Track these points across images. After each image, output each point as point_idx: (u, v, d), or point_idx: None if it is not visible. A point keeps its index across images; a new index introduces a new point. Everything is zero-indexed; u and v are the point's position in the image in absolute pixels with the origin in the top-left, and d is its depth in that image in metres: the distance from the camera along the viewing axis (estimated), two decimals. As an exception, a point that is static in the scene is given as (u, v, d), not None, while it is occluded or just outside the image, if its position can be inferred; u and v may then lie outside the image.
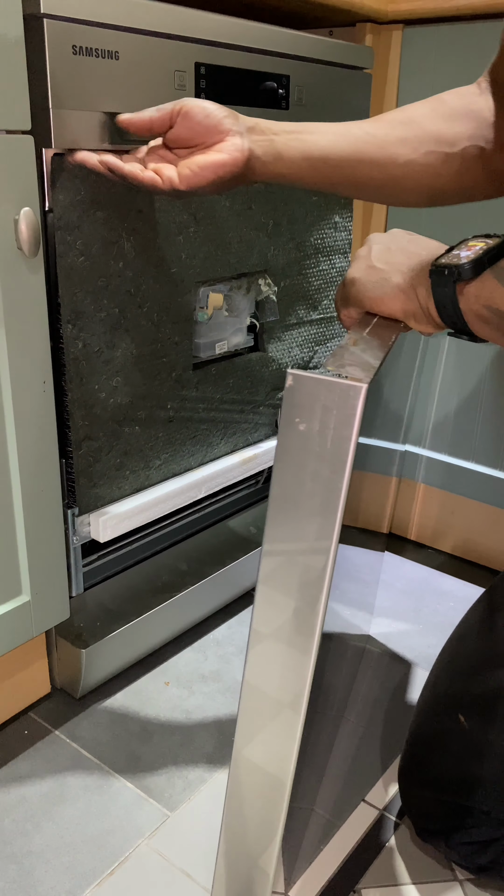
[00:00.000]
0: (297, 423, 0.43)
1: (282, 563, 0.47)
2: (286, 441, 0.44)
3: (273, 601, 0.48)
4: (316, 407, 0.43)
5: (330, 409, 0.42)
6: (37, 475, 0.79)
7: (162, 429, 0.94)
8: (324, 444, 0.43)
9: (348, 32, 1.10)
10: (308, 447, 0.43)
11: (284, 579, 0.47)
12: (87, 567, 0.93)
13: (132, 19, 0.74)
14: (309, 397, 0.43)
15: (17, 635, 0.82)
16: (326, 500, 0.44)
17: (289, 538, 0.46)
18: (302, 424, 0.43)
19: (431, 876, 0.75)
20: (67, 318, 0.79)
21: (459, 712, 0.72)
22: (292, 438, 0.44)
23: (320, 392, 0.42)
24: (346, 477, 0.43)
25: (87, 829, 0.79)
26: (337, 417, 0.42)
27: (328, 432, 0.43)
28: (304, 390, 0.43)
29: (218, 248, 0.94)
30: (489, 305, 0.54)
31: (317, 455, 0.44)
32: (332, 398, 0.42)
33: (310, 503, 0.45)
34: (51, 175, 0.74)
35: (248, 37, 0.86)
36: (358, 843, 0.78)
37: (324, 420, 0.43)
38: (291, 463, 0.44)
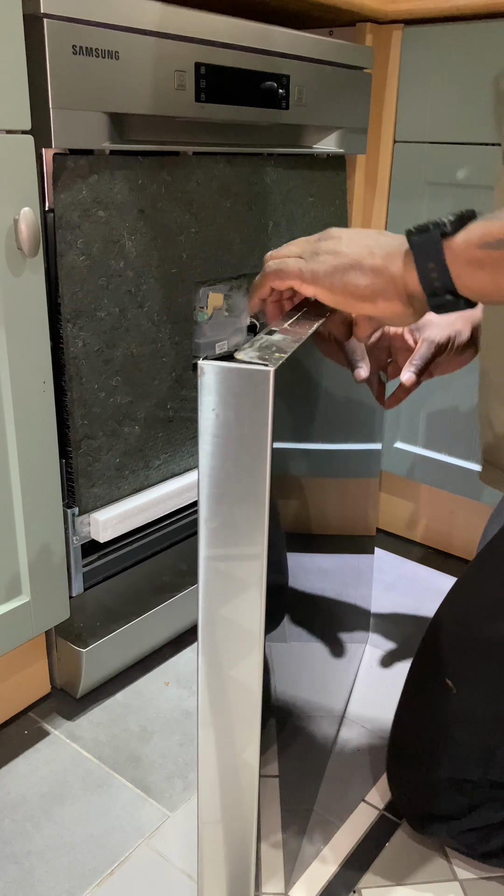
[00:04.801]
0: (213, 410, 0.44)
1: (220, 553, 0.48)
2: (205, 431, 0.45)
3: (215, 594, 0.49)
4: (227, 394, 0.43)
5: (241, 394, 0.43)
6: (37, 475, 0.79)
7: (162, 429, 0.94)
8: (241, 431, 0.44)
9: (348, 32, 1.10)
10: (227, 435, 0.44)
11: (225, 572, 0.48)
12: (87, 567, 0.93)
13: (132, 19, 0.74)
14: (221, 386, 0.43)
15: (17, 635, 0.82)
16: (252, 484, 0.45)
17: (222, 526, 0.47)
18: (216, 412, 0.44)
19: (431, 876, 0.75)
20: (67, 317, 0.79)
21: (446, 677, 0.72)
22: (210, 427, 0.44)
23: (231, 380, 0.43)
24: (268, 460, 0.44)
25: (87, 829, 0.79)
26: (250, 401, 0.43)
27: (244, 419, 0.44)
28: (216, 379, 0.43)
29: (218, 248, 0.94)
30: (485, 240, 0.53)
31: (236, 441, 0.44)
32: (241, 384, 0.43)
33: (236, 489, 0.45)
34: (51, 175, 0.74)
35: (248, 37, 0.86)
36: (358, 843, 0.78)
37: (237, 406, 0.43)
38: (215, 453, 0.45)
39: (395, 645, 1.08)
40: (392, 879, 0.74)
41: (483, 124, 1.05)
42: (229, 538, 0.47)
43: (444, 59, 1.06)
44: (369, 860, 0.76)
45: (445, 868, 0.76)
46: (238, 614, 0.49)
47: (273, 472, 0.57)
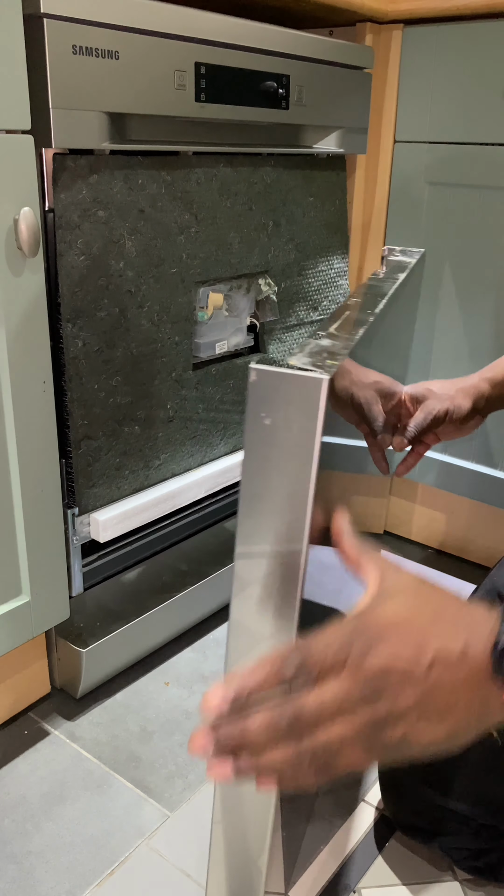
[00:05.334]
0: (263, 417, 0.43)
1: (256, 562, 0.47)
2: (253, 437, 0.44)
3: (249, 599, 0.48)
4: (279, 401, 0.42)
5: (293, 402, 0.42)
6: (37, 475, 0.79)
7: (161, 429, 0.94)
8: (289, 439, 0.43)
9: (348, 32, 1.10)
10: (274, 442, 0.43)
11: (259, 577, 0.47)
12: (87, 567, 0.93)
13: (132, 19, 0.74)
14: (272, 392, 0.42)
15: (17, 635, 0.82)
16: (295, 494, 0.44)
17: (260, 536, 0.46)
18: (267, 419, 0.43)
19: (431, 876, 0.75)
20: (67, 317, 0.79)
21: None
22: (258, 434, 0.43)
23: (282, 386, 0.42)
24: (314, 470, 0.43)
25: (87, 829, 0.79)
26: (300, 411, 0.42)
27: (293, 426, 0.42)
28: (268, 385, 0.42)
29: (218, 248, 0.94)
30: None
31: (283, 450, 0.43)
32: (294, 392, 0.42)
33: (279, 499, 0.44)
34: (51, 175, 0.74)
35: (248, 37, 0.86)
36: (358, 843, 0.78)
37: (288, 414, 0.42)
38: (259, 459, 0.44)
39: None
40: (392, 879, 0.74)
41: (483, 124, 1.05)
42: (265, 544, 0.46)
43: (444, 59, 1.06)
44: (369, 860, 0.76)
45: (446, 868, 0.76)
46: (272, 630, 0.48)
47: None
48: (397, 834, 0.79)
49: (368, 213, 1.20)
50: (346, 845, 0.78)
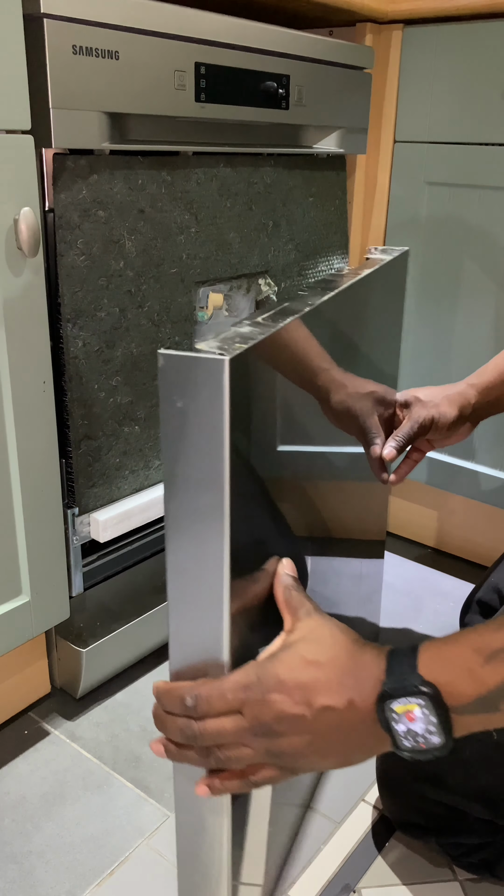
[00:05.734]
0: (175, 401, 0.44)
1: (183, 543, 0.48)
2: (167, 420, 0.45)
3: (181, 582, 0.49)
4: (188, 384, 0.43)
5: (199, 384, 0.43)
6: (37, 475, 0.79)
7: (162, 429, 0.94)
8: (200, 419, 0.44)
9: (348, 32, 1.10)
10: (186, 423, 0.44)
11: (188, 565, 0.48)
12: (87, 567, 0.93)
13: (132, 19, 0.74)
14: (180, 375, 0.43)
15: (17, 635, 0.82)
16: (211, 470, 0.45)
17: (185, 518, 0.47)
18: (179, 402, 0.44)
19: (431, 876, 0.75)
20: (67, 317, 0.79)
21: None
22: (172, 417, 0.45)
23: (187, 369, 0.43)
24: (226, 449, 0.44)
25: (87, 829, 0.79)
26: (206, 392, 0.43)
27: (201, 408, 0.44)
28: (175, 368, 0.43)
29: (219, 248, 0.94)
30: None
31: (194, 430, 0.44)
32: (199, 374, 0.43)
33: (197, 475, 0.45)
34: (51, 175, 0.74)
35: (248, 37, 0.86)
36: (358, 842, 0.78)
37: (196, 396, 0.44)
38: (176, 441, 0.45)
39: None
40: (392, 879, 0.74)
41: (483, 124, 1.05)
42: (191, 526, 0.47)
43: (444, 59, 1.06)
44: (369, 860, 0.76)
45: (445, 868, 0.76)
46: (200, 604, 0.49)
47: (277, 475, 0.57)
48: (397, 834, 0.79)
49: (368, 213, 1.20)
50: (346, 845, 0.78)
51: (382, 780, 0.77)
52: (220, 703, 0.48)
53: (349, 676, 0.47)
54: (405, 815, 0.75)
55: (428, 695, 0.45)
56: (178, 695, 0.49)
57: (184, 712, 0.49)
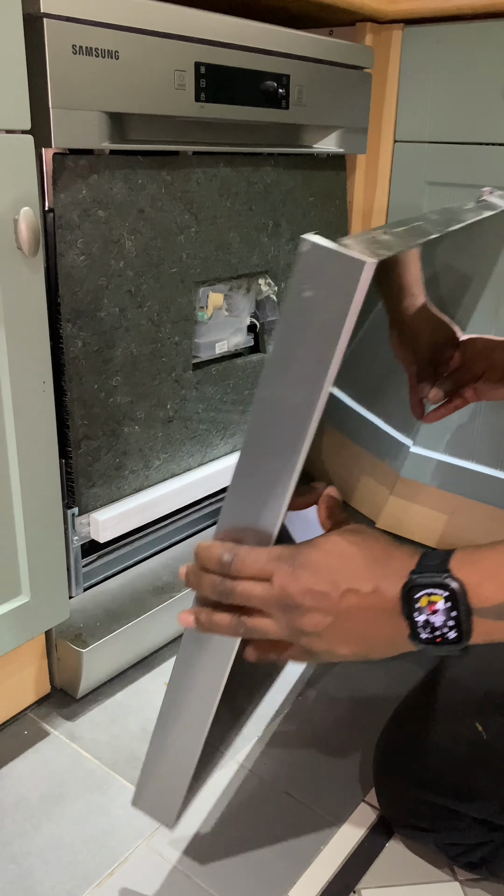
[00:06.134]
0: (303, 289, 0.43)
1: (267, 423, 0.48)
2: (289, 307, 0.44)
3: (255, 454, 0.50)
4: (322, 276, 0.42)
5: (335, 280, 0.42)
6: (37, 475, 0.79)
7: (161, 429, 0.94)
8: (323, 315, 0.43)
9: (348, 32, 1.10)
10: (308, 315, 0.43)
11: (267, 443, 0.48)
12: (87, 567, 0.93)
13: (132, 19, 0.74)
14: (318, 266, 0.42)
15: (17, 636, 0.82)
16: (315, 369, 0.44)
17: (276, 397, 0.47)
18: (307, 292, 0.43)
19: (431, 876, 0.75)
20: (67, 317, 0.79)
21: (477, 720, 0.70)
22: (295, 304, 0.43)
23: (329, 261, 0.42)
24: (339, 350, 0.43)
25: (87, 829, 0.79)
26: (339, 289, 0.42)
27: (329, 303, 0.42)
28: (316, 258, 0.42)
29: (219, 248, 0.94)
30: None
31: (314, 324, 0.43)
32: (338, 269, 0.41)
33: (300, 369, 0.45)
34: (51, 175, 0.74)
35: (248, 37, 0.86)
36: (358, 843, 0.78)
37: (327, 290, 0.42)
38: (291, 328, 0.44)
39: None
40: (392, 880, 0.74)
41: (483, 124, 1.05)
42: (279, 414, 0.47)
43: (444, 59, 1.06)
44: (369, 860, 0.76)
45: (445, 868, 0.76)
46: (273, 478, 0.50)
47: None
48: (397, 834, 0.79)
49: (368, 213, 1.20)
50: (346, 845, 0.78)
51: (379, 783, 0.77)
52: (253, 566, 0.51)
53: (379, 566, 0.49)
54: (402, 817, 0.75)
55: (453, 590, 0.46)
56: (218, 551, 0.52)
57: (219, 569, 0.52)
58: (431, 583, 0.47)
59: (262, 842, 0.78)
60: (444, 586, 0.46)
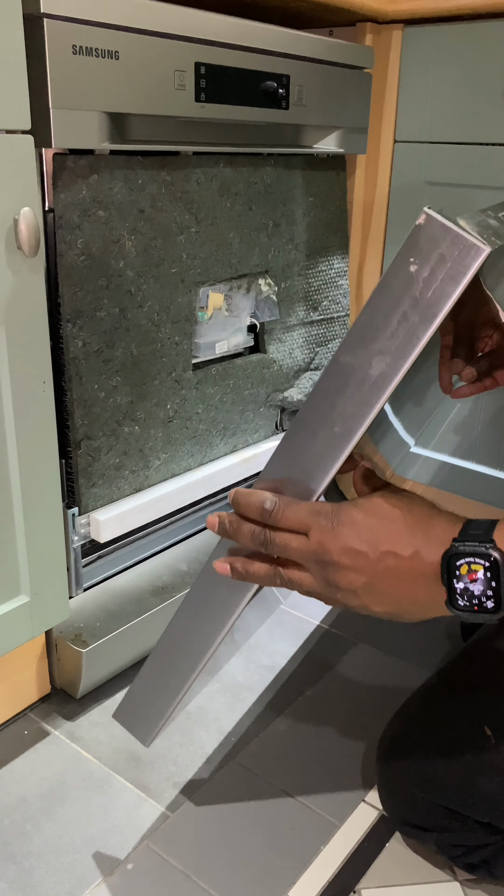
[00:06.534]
0: (411, 262, 0.43)
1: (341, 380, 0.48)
2: (392, 276, 0.44)
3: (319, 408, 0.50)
4: (434, 253, 0.42)
5: (445, 259, 0.42)
6: (37, 475, 0.79)
7: (161, 429, 0.94)
8: (425, 292, 0.43)
9: (348, 32, 1.10)
10: (409, 289, 0.43)
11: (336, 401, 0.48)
12: (87, 567, 0.93)
13: (132, 19, 0.74)
14: (431, 241, 0.42)
15: (17, 635, 0.82)
16: (404, 344, 0.44)
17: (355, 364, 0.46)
18: (414, 266, 0.43)
19: (431, 876, 0.75)
20: (67, 317, 0.79)
21: (486, 723, 0.70)
22: (399, 276, 0.43)
23: (444, 240, 0.41)
24: (431, 331, 0.43)
25: (87, 829, 0.79)
26: (448, 270, 0.42)
27: (434, 282, 0.42)
28: (431, 233, 0.42)
29: (219, 248, 0.94)
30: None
31: (414, 300, 0.43)
32: (452, 249, 0.41)
33: (388, 342, 0.45)
34: (51, 175, 0.74)
35: (248, 37, 0.86)
36: (358, 843, 0.78)
37: (435, 268, 0.42)
38: (388, 298, 0.44)
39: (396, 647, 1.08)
40: (392, 880, 0.74)
41: (483, 124, 1.05)
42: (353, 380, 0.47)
43: (444, 59, 1.06)
44: (369, 860, 0.76)
45: (445, 868, 0.76)
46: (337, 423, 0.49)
47: None
48: (397, 834, 0.79)
49: (368, 213, 1.20)
50: (346, 845, 0.78)
51: (382, 782, 0.77)
52: (293, 518, 0.51)
53: (420, 530, 0.49)
54: (405, 816, 0.75)
55: (496, 560, 0.46)
56: (259, 499, 0.52)
57: (259, 517, 0.52)
58: (474, 552, 0.46)
59: (262, 842, 0.78)
60: (487, 556, 0.46)
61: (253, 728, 0.92)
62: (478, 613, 0.48)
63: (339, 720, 0.94)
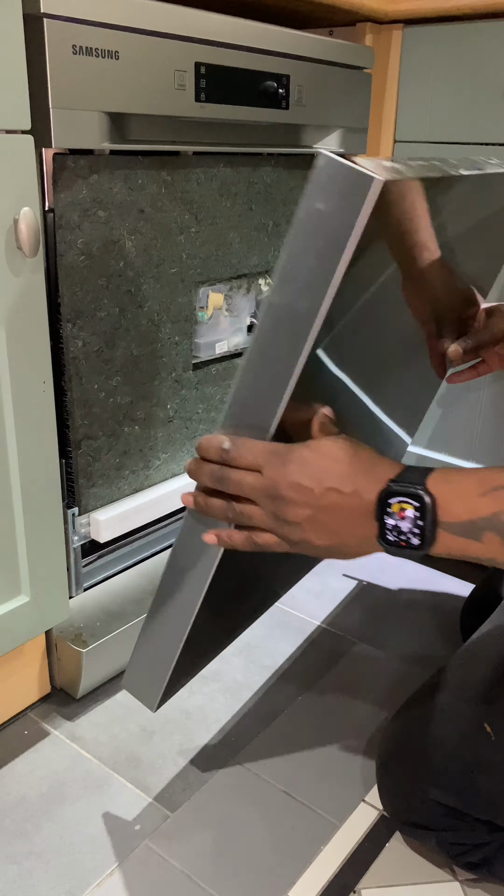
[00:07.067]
0: (315, 202, 0.46)
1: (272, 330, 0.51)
2: (300, 219, 0.47)
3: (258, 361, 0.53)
4: (333, 190, 0.45)
5: (345, 194, 0.45)
6: (37, 475, 0.79)
7: (161, 429, 0.94)
8: (332, 226, 0.46)
9: (348, 32, 1.10)
10: (317, 227, 0.46)
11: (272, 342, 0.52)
12: (87, 567, 0.93)
13: (132, 19, 0.74)
14: (330, 180, 0.45)
15: (17, 635, 0.82)
16: (322, 278, 0.47)
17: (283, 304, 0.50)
18: (318, 204, 0.46)
19: (431, 876, 0.75)
20: (67, 317, 0.79)
21: (486, 720, 0.70)
22: (306, 216, 0.47)
23: (340, 176, 0.44)
24: (343, 261, 0.46)
25: (87, 829, 0.79)
26: (349, 203, 0.45)
27: (338, 216, 0.45)
28: (329, 172, 0.45)
29: (219, 248, 0.94)
30: None
31: (323, 236, 0.46)
32: (349, 184, 0.44)
33: (307, 278, 0.48)
34: (51, 175, 0.74)
35: (248, 37, 0.86)
36: (358, 843, 0.78)
37: (337, 203, 0.45)
38: (302, 237, 0.47)
39: (396, 646, 1.08)
40: (392, 880, 0.74)
41: (483, 124, 1.05)
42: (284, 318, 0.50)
43: (444, 59, 1.06)
44: (369, 860, 0.76)
45: (445, 868, 0.76)
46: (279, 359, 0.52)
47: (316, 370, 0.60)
48: (397, 834, 0.79)
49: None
50: (346, 845, 0.78)
51: (383, 782, 0.77)
52: (249, 456, 0.55)
53: (362, 472, 0.54)
54: (405, 815, 0.75)
55: (424, 501, 0.51)
56: (218, 441, 0.57)
57: (218, 458, 0.57)
58: (406, 492, 0.51)
59: (262, 842, 0.78)
60: (418, 497, 0.51)
61: (253, 728, 0.92)
62: (404, 549, 0.52)
63: (339, 720, 0.94)
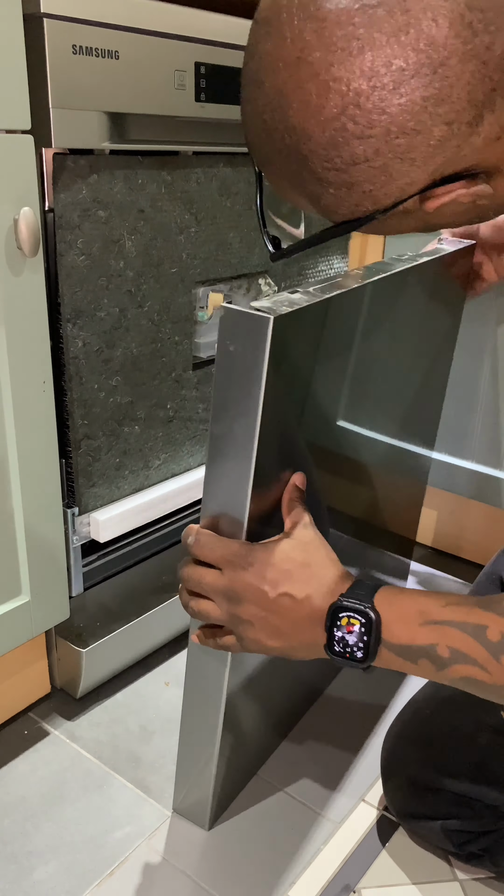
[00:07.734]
0: (228, 345, 0.53)
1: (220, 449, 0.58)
2: (219, 360, 0.54)
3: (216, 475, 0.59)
4: (239, 333, 0.53)
5: (248, 335, 0.52)
6: (37, 475, 0.79)
7: (161, 428, 0.94)
8: (244, 362, 0.53)
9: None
10: (234, 365, 0.54)
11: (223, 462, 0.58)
12: (87, 567, 0.93)
13: (132, 19, 0.74)
14: (234, 326, 0.53)
15: (17, 635, 0.82)
16: (248, 405, 0.55)
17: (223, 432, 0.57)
18: (231, 346, 0.53)
19: (431, 876, 0.75)
20: (67, 317, 0.79)
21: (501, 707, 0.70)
22: (223, 358, 0.54)
23: (240, 321, 0.52)
24: (262, 390, 0.53)
25: (87, 829, 0.79)
26: (252, 342, 0.52)
27: (247, 354, 0.53)
28: (231, 320, 0.53)
29: (219, 248, 0.94)
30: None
31: (240, 372, 0.54)
32: (248, 326, 0.52)
33: (236, 408, 0.55)
34: (51, 175, 0.74)
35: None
36: (358, 842, 0.78)
37: (244, 344, 0.53)
38: (223, 373, 0.55)
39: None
40: (392, 879, 0.74)
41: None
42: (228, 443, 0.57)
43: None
44: (369, 860, 0.76)
45: (445, 868, 0.76)
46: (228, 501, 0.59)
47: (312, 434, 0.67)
48: (398, 834, 0.79)
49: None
50: (346, 845, 0.78)
51: (390, 772, 0.77)
52: (210, 553, 0.58)
53: (316, 580, 0.57)
54: (410, 806, 0.75)
55: (371, 619, 0.54)
56: (185, 534, 0.60)
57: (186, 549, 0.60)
58: (355, 608, 0.54)
59: (262, 842, 0.78)
60: (365, 614, 0.54)
61: (253, 728, 0.92)
62: (348, 660, 0.55)
63: (340, 720, 0.94)
